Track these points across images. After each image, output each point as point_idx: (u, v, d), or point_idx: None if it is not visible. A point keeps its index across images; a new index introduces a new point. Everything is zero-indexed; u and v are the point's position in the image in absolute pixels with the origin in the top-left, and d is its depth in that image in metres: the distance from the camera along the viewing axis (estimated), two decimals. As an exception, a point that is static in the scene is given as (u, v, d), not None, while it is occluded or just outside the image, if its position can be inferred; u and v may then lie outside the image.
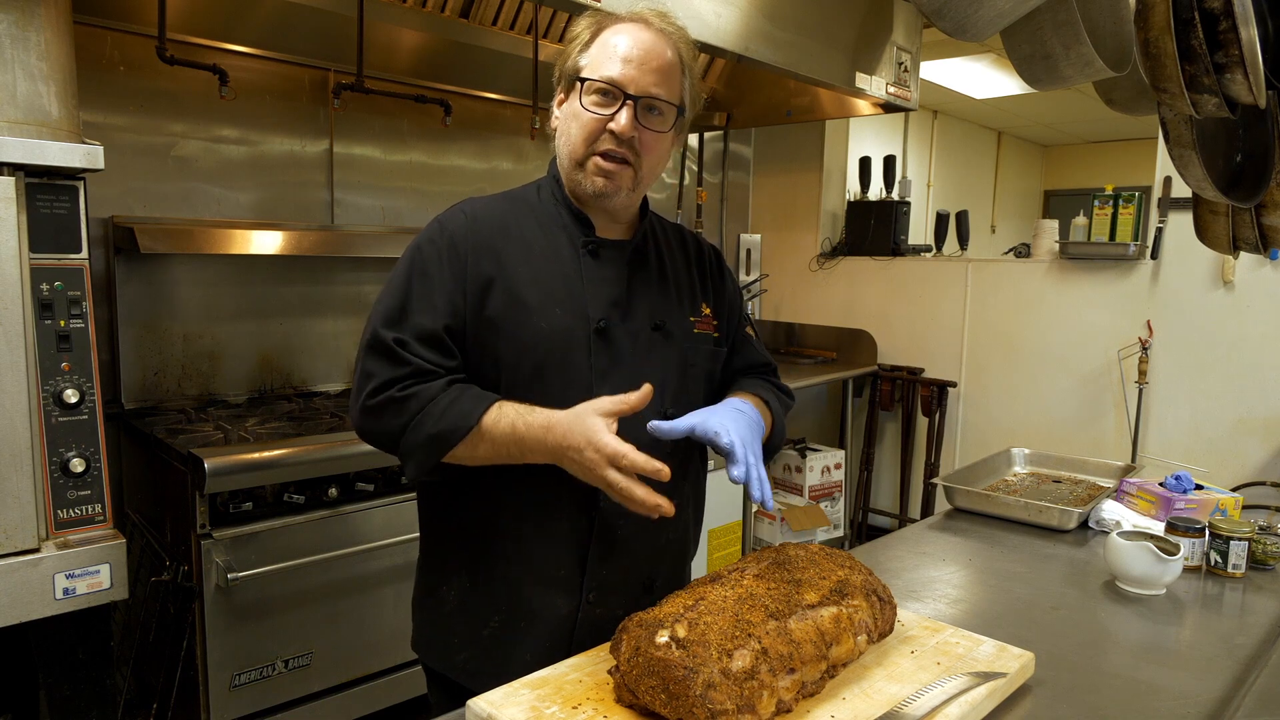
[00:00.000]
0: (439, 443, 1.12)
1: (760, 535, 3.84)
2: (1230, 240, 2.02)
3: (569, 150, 1.22)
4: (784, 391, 1.43)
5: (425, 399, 1.13)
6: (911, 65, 3.27)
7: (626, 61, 1.17)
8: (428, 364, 1.15)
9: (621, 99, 1.17)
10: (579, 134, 1.19)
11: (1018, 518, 1.84)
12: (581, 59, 1.20)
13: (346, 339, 3.05)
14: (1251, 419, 3.27)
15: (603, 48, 1.19)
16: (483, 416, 1.11)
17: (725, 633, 0.94)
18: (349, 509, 2.26)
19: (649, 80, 1.17)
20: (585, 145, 1.19)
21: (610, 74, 1.17)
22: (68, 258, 1.60)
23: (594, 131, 1.18)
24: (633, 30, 1.19)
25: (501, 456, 1.13)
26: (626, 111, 1.17)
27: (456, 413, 1.11)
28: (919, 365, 4.18)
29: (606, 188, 1.20)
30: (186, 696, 2.12)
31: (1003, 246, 4.91)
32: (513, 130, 3.45)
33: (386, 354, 1.15)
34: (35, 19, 1.52)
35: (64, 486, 1.58)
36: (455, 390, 1.14)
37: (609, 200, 1.22)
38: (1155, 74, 1.51)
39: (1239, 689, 1.14)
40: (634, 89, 1.17)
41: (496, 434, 1.11)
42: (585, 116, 1.18)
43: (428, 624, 1.32)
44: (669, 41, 1.20)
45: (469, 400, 1.13)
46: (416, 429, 1.12)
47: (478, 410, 1.11)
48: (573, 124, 1.20)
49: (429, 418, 1.12)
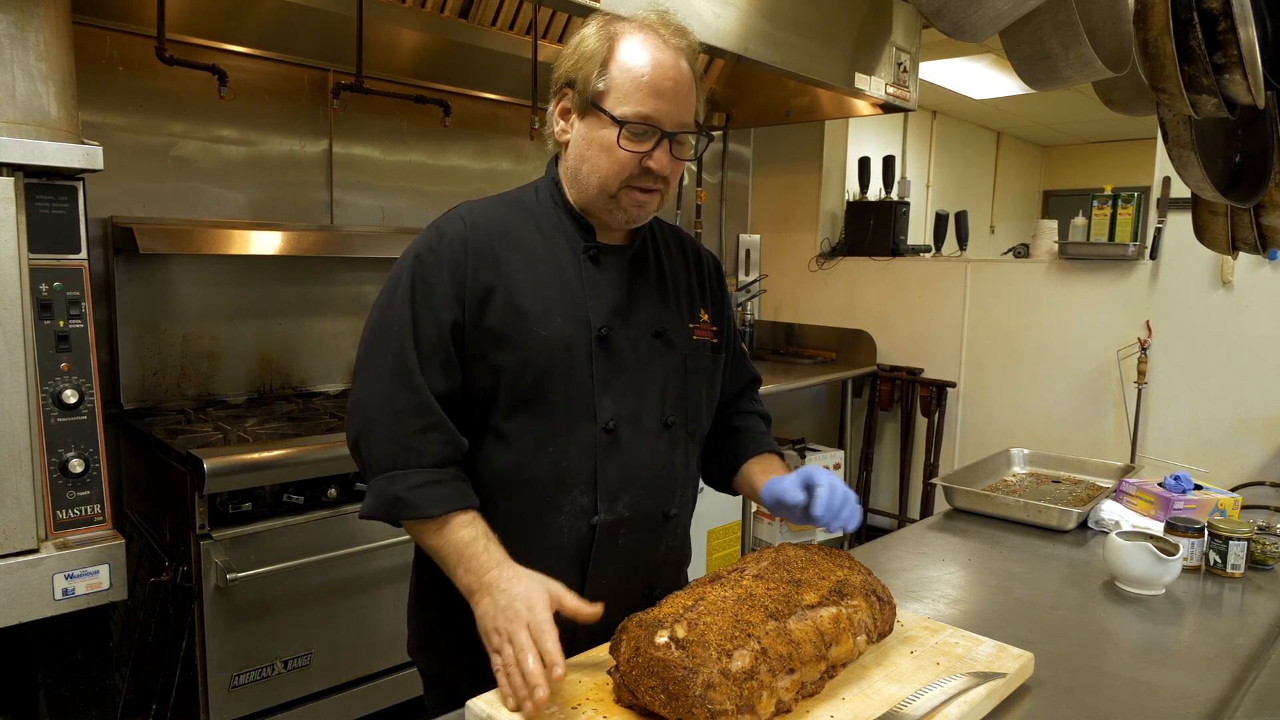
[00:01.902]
0: (397, 507, 1.12)
1: (760, 535, 3.84)
2: (1229, 240, 2.02)
3: (600, 182, 1.18)
4: (765, 418, 1.48)
5: (414, 464, 1.13)
6: (911, 65, 3.27)
7: (659, 96, 1.14)
8: (435, 395, 1.15)
9: (658, 137, 1.15)
10: (613, 170, 1.16)
11: (1017, 518, 1.84)
12: (600, 82, 1.15)
13: (346, 339, 3.05)
14: (1250, 419, 3.28)
15: (626, 75, 1.14)
16: (451, 515, 1.11)
17: (725, 633, 0.94)
18: (348, 509, 2.26)
19: (681, 112, 1.16)
20: (619, 181, 1.17)
21: (644, 112, 1.14)
22: (67, 258, 1.60)
23: (630, 167, 1.16)
24: (653, 53, 1.15)
25: (437, 557, 1.13)
26: (664, 151, 1.16)
27: (430, 494, 1.11)
28: (918, 365, 4.19)
29: (638, 216, 1.21)
30: (186, 697, 2.12)
31: (1002, 247, 4.91)
32: (512, 130, 3.45)
33: (410, 384, 1.14)
34: (34, 19, 1.52)
35: (63, 487, 1.58)
36: (446, 474, 1.14)
37: (638, 224, 1.23)
38: (1154, 74, 1.51)
39: (1238, 689, 1.14)
40: (669, 125, 1.15)
41: (451, 537, 1.11)
42: (622, 155, 1.15)
43: (424, 631, 1.31)
44: (685, 59, 1.18)
45: (449, 491, 1.13)
46: (390, 481, 1.12)
47: (448, 506, 1.11)
48: (603, 158, 1.17)
49: (405, 481, 1.12)
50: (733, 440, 1.42)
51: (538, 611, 1.00)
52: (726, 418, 1.44)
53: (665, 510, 1.28)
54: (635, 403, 1.22)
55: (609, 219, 1.22)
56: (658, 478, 1.26)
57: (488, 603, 1.05)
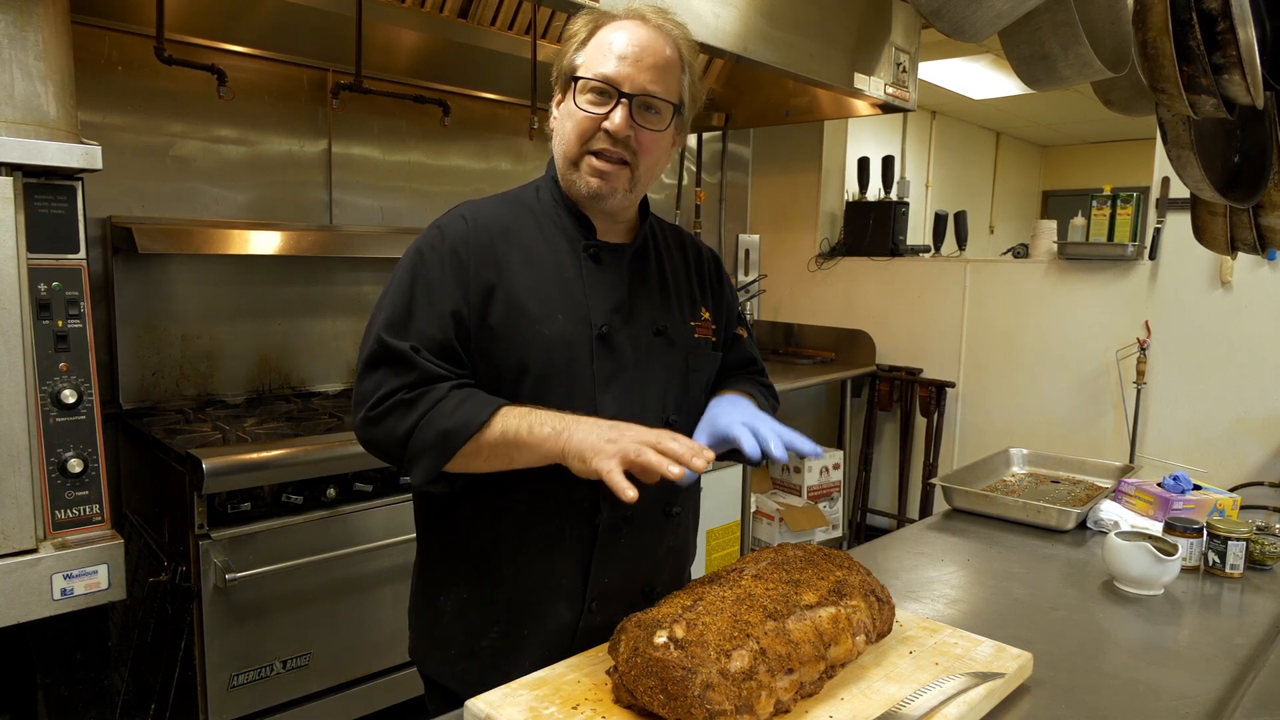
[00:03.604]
0: (449, 440, 1.09)
1: (759, 536, 3.84)
2: (1228, 241, 2.02)
3: (563, 149, 1.20)
4: (769, 390, 1.42)
5: (434, 399, 1.11)
6: (910, 66, 3.27)
7: (622, 59, 1.15)
8: (437, 369, 1.13)
9: (616, 97, 1.14)
10: (573, 132, 1.17)
11: (1016, 518, 1.84)
12: (578, 57, 1.18)
13: (345, 339, 3.05)
14: (1250, 419, 3.28)
15: (599, 45, 1.17)
16: (494, 414, 1.09)
17: (723, 633, 0.94)
18: (347, 509, 2.26)
19: (645, 77, 1.15)
20: (579, 144, 1.17)
21: (605, 71, 1.15)
22: (66, 258, 1.59)
23: (588, 130, 1.16)
24: (630, 27, 1.17)
25: (500, 456, 1.10)
26: (621, 110, 1.14)
27: (469, 409, 1.09)
28: (917, 365, 4.19)
29: (601, 188, 1.17)
30: (185, 697, 2.12)
31: (1001, 247, 4.92)
32: (511, 130, 3.45)
33: (394, 361, 1.12)
34: (33, 19, 1.52)
35: (62, 487, 1.58)
36: (465, 392, 1.12)
37: (604, 201, 1.19)
38: (1153, 75, 1.51)
39: (1237, 689, 1.14)
40: (629, 86, 1.14)
41: (508, 427, 1.08)
42: (579, 115, 1.16)
43: (425, 633, 1.31)
44: (667, 38, 1.18)
45: (480, 400, 1.11)
46: (426, 427, 1.09)
47: (488, 408, 1.10)
48: (567, 123, 1.18)
49: (439, 415, 1.09)
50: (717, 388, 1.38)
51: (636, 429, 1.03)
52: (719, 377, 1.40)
53: (667, 509, 1.28)
54: (636, 401, 1.22)
55: (574, 191, 1.21)
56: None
57: (588, 426, 1.06)
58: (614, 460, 1.00)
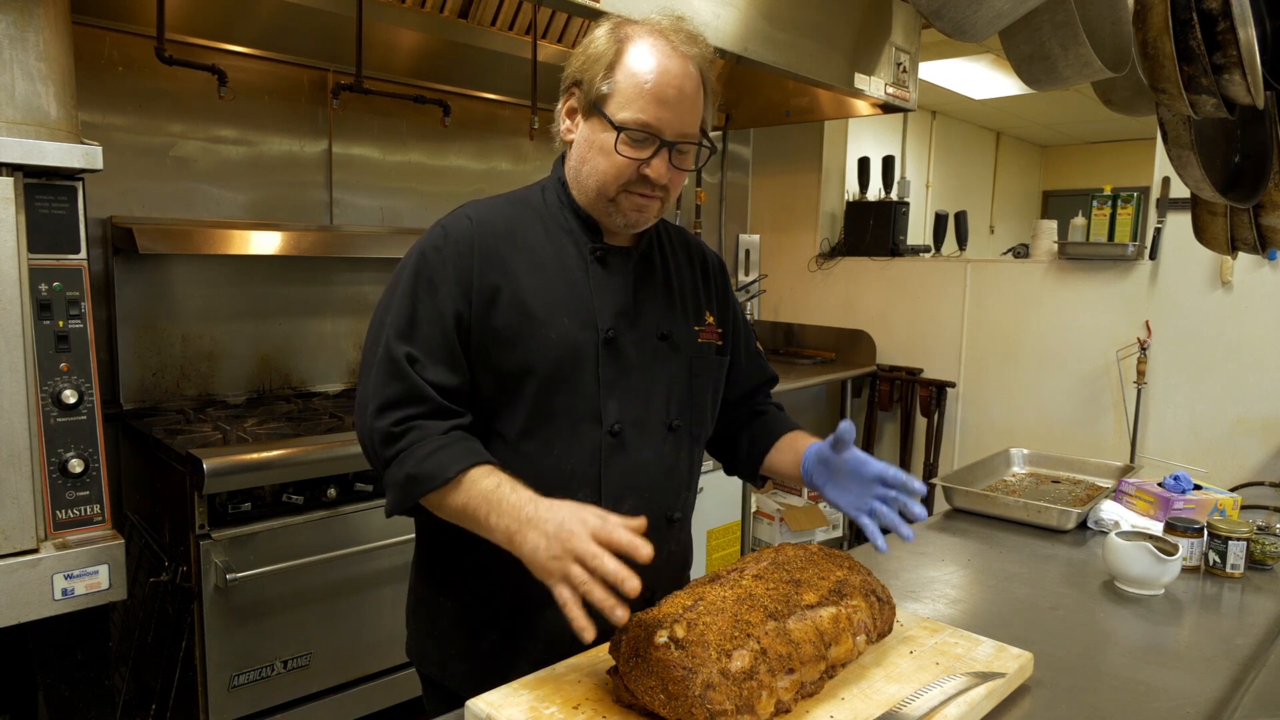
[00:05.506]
0: (414, 485, 1.08)
1: (759, 536, 3.84)
2: (1228, 241, 2.02)
3: (598, 185, 1.18)
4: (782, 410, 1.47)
5: (415, 439, 1.10)
6: (910, 66, 3.27)
7: (660, 104, 1.13)
8: (435, 387, 1.12)
9: (657, 145, 1.14)
10: (611, 174, 1.16)
11: (1016, 518, 1.84)
12: (604, 85, 1.14)
13: (346, 339, 3.05)
14: (1250, 419, 3.28)
15: (631, 79, 1.13)
16: (463, 473, 1.07)
17: (724, 633, 0.94)
18: (348, 509, 2.26)
19: (682, 123, 1.15)
20: (617, 185, 1.17)
21: (644, 119, 1.13)
22: (66, 258, 1.60)
23: (627, 173, 1.16)
24: (660, 59, 1.14)
25: (466, 515, 1.08)
26: (662, 160, 1.15)
27: (440, 459, 1.08)
28: (918, 365, 4.19)
29: (638, 220, 1.20)
30: (185, 697, 2.12)
31: (1001, 247, 4.91)
32: (512, 131, 3.45)
33: (397, 373, 1.12)
34: (34, 19, 1.52)
35: (62, 487, 1.58)
36: (448, 437, 1.11)
37: (638, 229, 1.23)
38: (1154, 75, 1.51)
39: (1237, 689, 1.14)
40: (670, 134, 1.14)
41: (470, 502, 1.06)
42: (620, 161, 1.15)
43: (423, 634, 1.31)
44: (694, 66, 1.17)
45: (457, 450, 1.09)
46: (398, 466, 1.10)
47: (457, 466, 1.07)
48: (602, 161, 1.16)
49: (412, 458, 1.09)
50: (760, 421, 1.43)
51: (591, 520, 0.95)
52: (748, 407, 1.45)
53: (669, 514, 1.28)
54: (641, 406, 1.22)
55: (608, 222, 1.22)
56: (662, 481, 1.26)
57: (535, 536, 0.99)
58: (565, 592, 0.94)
